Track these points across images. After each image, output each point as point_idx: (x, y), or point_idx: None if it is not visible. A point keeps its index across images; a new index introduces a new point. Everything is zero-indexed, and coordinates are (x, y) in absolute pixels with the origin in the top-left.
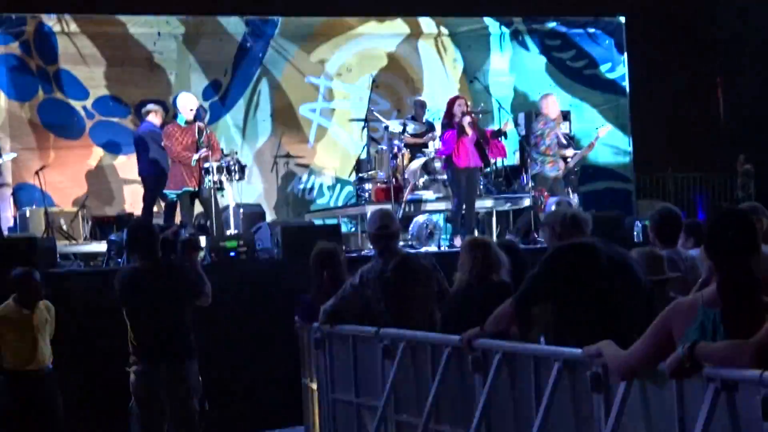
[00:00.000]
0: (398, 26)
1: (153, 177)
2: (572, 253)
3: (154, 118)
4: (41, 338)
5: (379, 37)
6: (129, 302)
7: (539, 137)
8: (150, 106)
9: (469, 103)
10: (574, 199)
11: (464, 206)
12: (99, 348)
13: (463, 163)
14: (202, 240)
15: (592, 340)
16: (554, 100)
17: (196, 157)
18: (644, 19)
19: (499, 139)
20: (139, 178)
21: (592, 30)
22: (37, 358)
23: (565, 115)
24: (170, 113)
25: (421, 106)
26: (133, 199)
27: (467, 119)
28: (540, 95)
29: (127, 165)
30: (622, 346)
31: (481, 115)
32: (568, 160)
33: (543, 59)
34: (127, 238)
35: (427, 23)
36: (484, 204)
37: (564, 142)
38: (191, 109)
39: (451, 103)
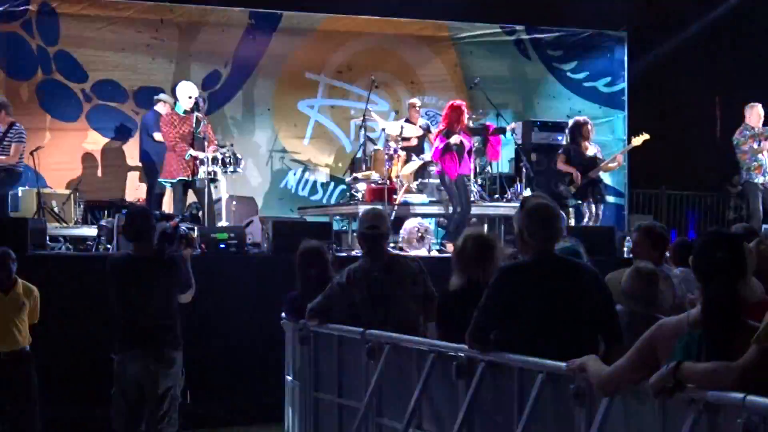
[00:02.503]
0: (401, 28)
1: (155, 164)
2: (509, 275)
3: (162, 108)
4: (16, 321)
5: (381, 37)
6: (120, 288)
7: (736, 146)
8: (161, 96)
9: (465, 117)
10: (594, 209)
11: (460, 212)
12: (82, 332)
13: (462, 171)
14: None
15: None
16: (757, 111)
17: (191, 152)
18: (646, 35)
19: (500, 136)
20: (134, 164)
21: (594, 43)
22: (8, 340)
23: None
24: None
25: (417, 108)
26: (126, 185)
27: (457, 138)
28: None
29: (122, 150)
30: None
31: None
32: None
33: (544, 69)
34: (126, 223)
35: (429, 27)
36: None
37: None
38: (190, 97)
39: (453, 114)
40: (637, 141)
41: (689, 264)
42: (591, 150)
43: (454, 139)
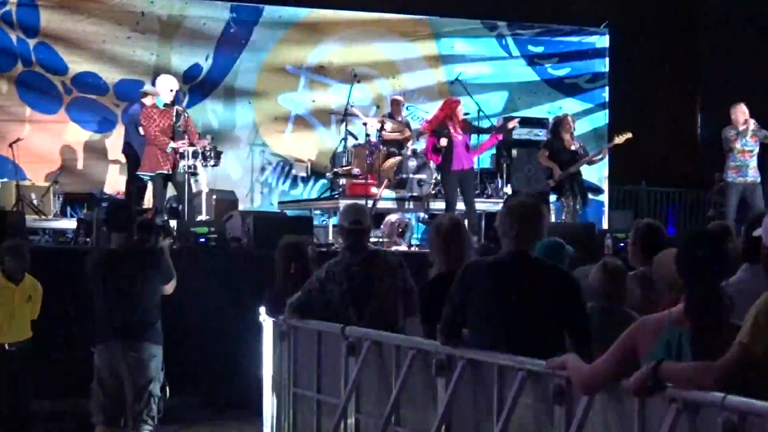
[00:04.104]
0: (382, 22)
1: (138, 157)
2: (472, 270)
3: (149, 101)
4: (19, 314)
5: (362, 32)
6: (101, 282)
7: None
8: (148, 88)
9: (460, 113)
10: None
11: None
12: (62, 324)
13: (455, 166)
14: (173, 224)
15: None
16: (741, 109)
17: (172, 144)
18: (628, 33)
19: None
20: (114, 157)
21: (576, 39)
22: (16, 332)
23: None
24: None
25: (399, 103)
26: (105, 178)
27: (444, 141)
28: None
29: (102, 143)
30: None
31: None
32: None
33: (525, 64)
34: (106, 216)
35: (411, 21)
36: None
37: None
38: (171, 90)
39: (445, 110)
40: (620, 139)
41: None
42: (573, 145)
43: (442, 142)
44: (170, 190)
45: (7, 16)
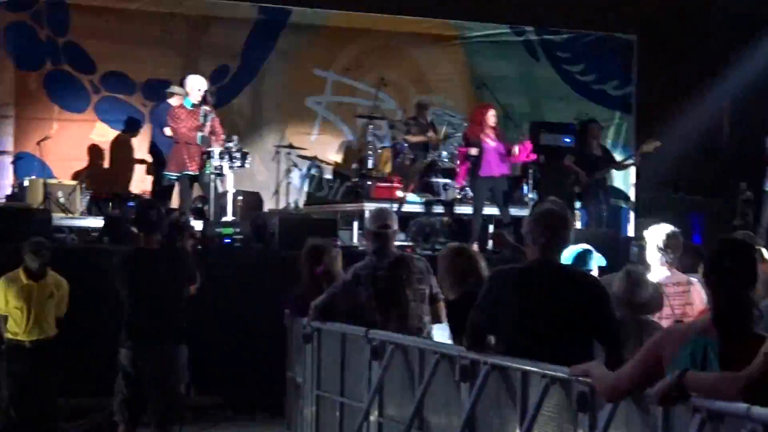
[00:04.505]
0: (410, 26)
1: (165, 157)
2: (498, 278)
3: (175, 101)
4: (41, 311)
5: (389, 35)
6: (129, 281)
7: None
8: (175, 88)
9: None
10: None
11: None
12: (87, 323)
13: (484, 172)
14: (198, 224)
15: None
16: None
17: (200, 133)
18: (656, 39)
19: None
20: (141, 157)
21: (603, 45)
22: (37, 330)
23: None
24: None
25: (424, 107)
26: (132, 177)
27: (475, 150)
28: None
29: (129, 142)
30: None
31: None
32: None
33: (552, 70)
34: (136, 215)
35: (438, 25)
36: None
37: None
38: (199, 90)
39: (474, 118)
40: (648, 147)
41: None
42: (599, 151)
43: (473, 151)
44: (196, 191)
45: (36, 15)
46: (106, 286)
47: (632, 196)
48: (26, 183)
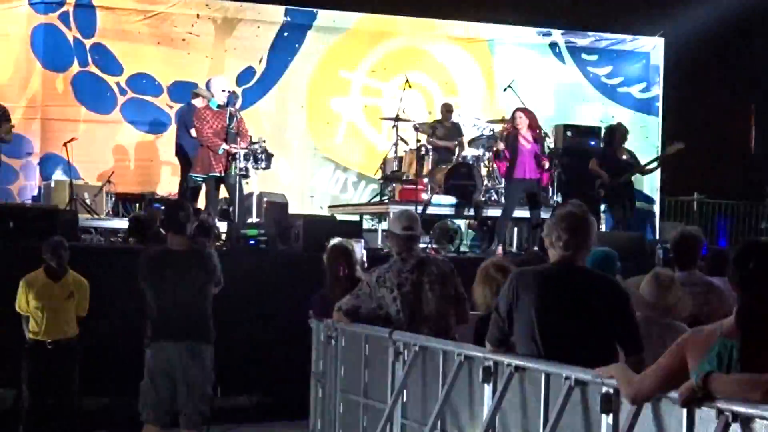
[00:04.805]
0: (436, 28)
1: (190, 159)
2: (517, 280)
3: (200, 102)
4: (61, 311)
5: (415, 37)
6: (157, 281)
7: None
8: (201, 90)
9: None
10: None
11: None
12: (112, 323)
13: (518, 174)
14: (223, 226)
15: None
16: None
17: (224, 146)
18: (682, 42)
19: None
20: (166, 158)
21: (629, 48)
22: (54, 330)
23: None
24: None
25: (449, 109)
26: (158, 179)
27: (501, 145)
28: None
29: (155, 144)
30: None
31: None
32: None
33: (578, 73)
34: (164, 216)
35: (465, 27)
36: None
37: None
38: (224, 91)
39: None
40: (672, 150)
41: (723, 274)
42: (624, 155)
43: (500, 146)
44: (222, 192)
45: (64, 17)
46: (131, 287)
47: (657, 200)
48: (52, 184)
